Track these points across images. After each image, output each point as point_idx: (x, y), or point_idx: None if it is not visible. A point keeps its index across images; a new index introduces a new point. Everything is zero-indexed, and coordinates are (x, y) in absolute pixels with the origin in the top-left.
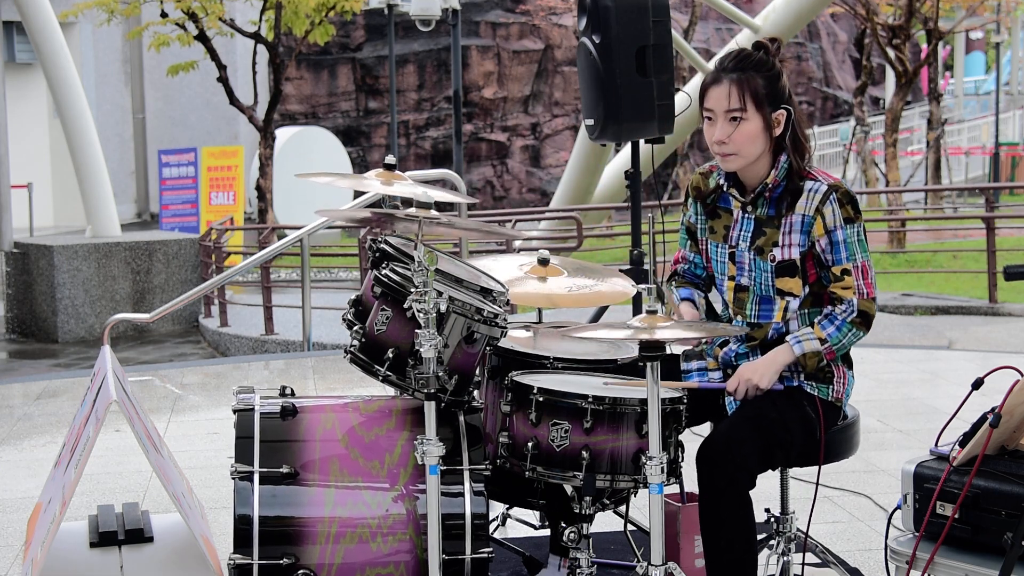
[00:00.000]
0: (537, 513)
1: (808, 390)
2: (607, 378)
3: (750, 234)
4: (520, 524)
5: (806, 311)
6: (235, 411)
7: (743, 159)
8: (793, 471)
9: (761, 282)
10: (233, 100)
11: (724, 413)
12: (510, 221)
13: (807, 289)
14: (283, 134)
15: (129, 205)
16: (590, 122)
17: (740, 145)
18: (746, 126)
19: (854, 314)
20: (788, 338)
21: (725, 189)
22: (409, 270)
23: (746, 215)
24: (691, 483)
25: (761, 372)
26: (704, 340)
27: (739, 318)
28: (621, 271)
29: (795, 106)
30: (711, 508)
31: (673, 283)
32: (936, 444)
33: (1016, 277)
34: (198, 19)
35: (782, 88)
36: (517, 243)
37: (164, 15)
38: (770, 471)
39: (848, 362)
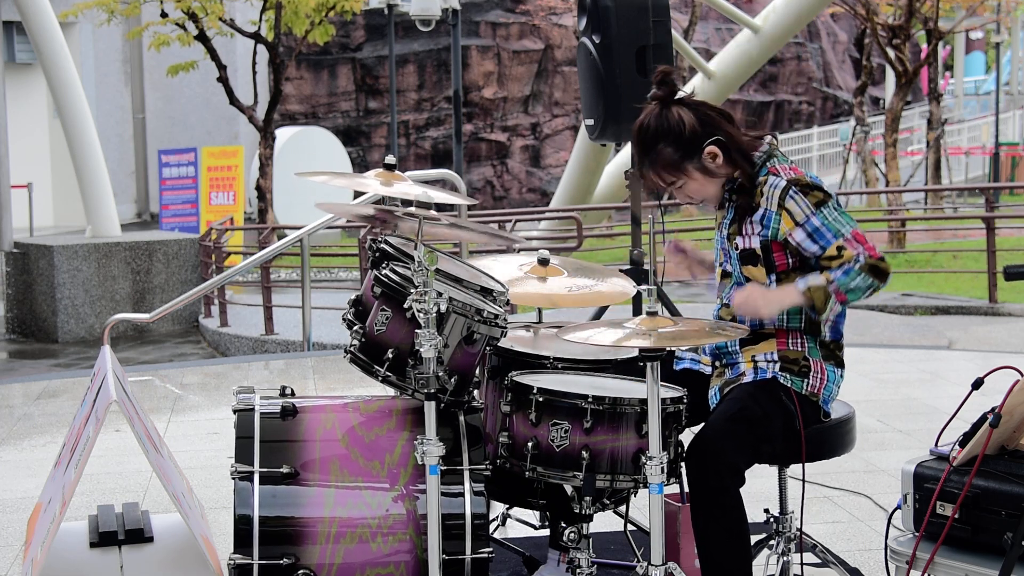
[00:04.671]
0: (537, 513)
1: (782, 381)
2: (605, 378)
3: (728, 221)
4: (520, 524)
5: None
6: (235, 411)
7: (712, 196)
8: (792, 471)
9: (736, 268)
10: (233, 100)
11: None
12: (510, 221)
13: (773, 277)
14: (283, 134)
15: (129, 205)
16: (590, 122)
17: (699, 193)
18: (688, 184)
19: (860, 263)
20: (796, 280)
21: None
22: (409, 270)
23: (730, 204)
24: None
25: (767, 301)
26: None
27: (719, 300)
28: (621, 271)
29: (723, 125)
30: (701, 507)
31: None
32: (936, 444)
33: (1016, 277)
34: (198, 19)
35: (694, 133)
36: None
37: (164, 15)
38: (768, 471)
39: (834, 360)
